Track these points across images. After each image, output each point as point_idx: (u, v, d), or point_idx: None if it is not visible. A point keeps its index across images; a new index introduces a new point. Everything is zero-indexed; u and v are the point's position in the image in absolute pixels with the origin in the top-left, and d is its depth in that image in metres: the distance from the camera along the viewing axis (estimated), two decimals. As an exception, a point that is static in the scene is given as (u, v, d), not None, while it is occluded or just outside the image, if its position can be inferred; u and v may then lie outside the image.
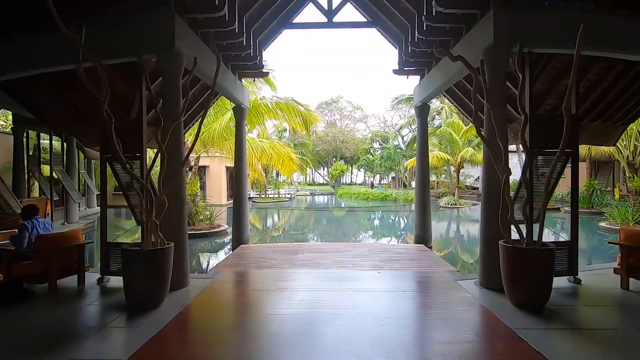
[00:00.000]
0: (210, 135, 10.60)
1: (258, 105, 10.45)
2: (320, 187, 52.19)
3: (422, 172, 8.52)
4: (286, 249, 7.57)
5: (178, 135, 4.82)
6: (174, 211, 4.82)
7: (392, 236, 12.83)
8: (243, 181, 8.57)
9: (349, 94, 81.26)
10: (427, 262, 6.40)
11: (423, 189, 8.50)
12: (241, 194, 8.55)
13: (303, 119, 10.77)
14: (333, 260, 6.42)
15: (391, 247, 7.91)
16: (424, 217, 8.40)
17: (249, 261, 6.55)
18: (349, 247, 7.69)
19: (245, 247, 7.82)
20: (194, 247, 9.42)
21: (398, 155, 35.33)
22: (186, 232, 5.01)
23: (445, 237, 11.82)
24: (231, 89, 7.42)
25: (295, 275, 5.54)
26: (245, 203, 8.57)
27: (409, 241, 12.00)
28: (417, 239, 8.42)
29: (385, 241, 11.67)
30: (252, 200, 30.17)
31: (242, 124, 8.59)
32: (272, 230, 14.15)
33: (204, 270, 7.76)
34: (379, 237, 12.51)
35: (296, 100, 10.66)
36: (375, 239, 11.67)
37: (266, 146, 12.53)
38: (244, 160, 8.61)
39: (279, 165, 14.08)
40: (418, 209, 8.50)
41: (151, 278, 4.05)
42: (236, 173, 8.60)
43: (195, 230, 10.36)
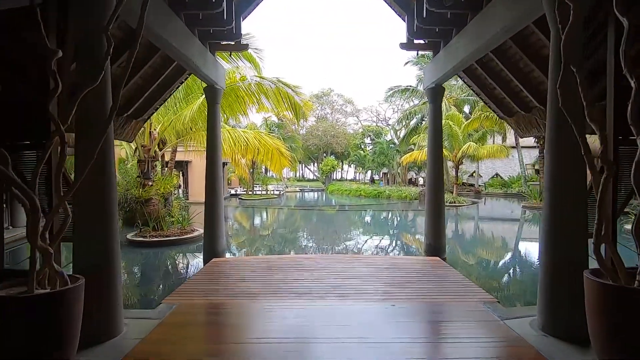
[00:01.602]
0: (181, 123, 8.94)
1: (237, 89, 8.82)
2: (310, 183, 50.62)
3: (434, 168, 7.06)
4: (271, 265, 6.03)
5: (100, 108, 3.21)
6: (98, 224, 3.27)
7: (394, 241, 11.37)
8: (217, 178, 6.98)
9: (341, 87, 79.99)
10: (451, 284, 4.95)
11: (436, 188, 7.04)
12: (215, 194, 6.96)
13: (293, 105, 9.18)
14: (331, 284, 4.91)
15: (400, 262, 6.40)
16: (437, 224, 6.95)
17: (218, 286, 4.99)
18: (348, 262, 6.19)
19: (218, 262, 6.26)
20: (152, 261, 7.79)
21: (391, 151, 33.99)
22: (118, 253, 3.41)
23: (456, 245, 10.14)
24: (199, 61, 5.80)
25: (280, 314, 4.01)
26: (219, 205, 6.99)
27: (414, 243, 10.65)
28: (428, 248, 6.98)
29: (389, 247, 10.21)
30: (239, 197, 28.53)
31: (216, 109, 6.98)
32: (258, 233, 12.53)
33: (152, 302, 5.31)
34: (379, 242, 11.02)
35: (284, 82, 9.04)
36: (375, 246, 10.17)
37: (251, 138, 10.91)
38: (218, 153, 7.02)
39: (268, 161, 12.49)
40: (430, 213, 7.04)
41: (40, 342, 2.47)
42: (209, 168, 7.01)
43: (162, 237, 8.73)
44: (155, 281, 6.56)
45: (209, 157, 6.99)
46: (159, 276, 6.88)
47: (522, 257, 8.96)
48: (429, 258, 6.56)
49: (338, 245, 9.97)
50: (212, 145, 6.97)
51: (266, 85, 8.77)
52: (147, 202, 8.92)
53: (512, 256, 9.16)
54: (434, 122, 7.08)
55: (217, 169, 6.99)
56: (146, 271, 7.05)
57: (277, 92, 9.00)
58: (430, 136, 7.12)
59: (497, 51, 5.85)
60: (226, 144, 10.38)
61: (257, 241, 11.00)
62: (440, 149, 7.12)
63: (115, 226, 3.39)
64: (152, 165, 9.12)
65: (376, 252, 9.13)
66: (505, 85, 6.62)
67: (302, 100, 9.37)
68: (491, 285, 5.96)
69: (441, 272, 5.59)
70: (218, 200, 6.98)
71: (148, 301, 5.39)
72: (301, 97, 9.32)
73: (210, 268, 5.87)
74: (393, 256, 8.02)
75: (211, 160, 6.98)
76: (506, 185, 29.84)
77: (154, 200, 9.01)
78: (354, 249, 9.34)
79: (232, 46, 7.13)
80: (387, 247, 10.28)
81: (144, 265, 7.49)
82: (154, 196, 9.03)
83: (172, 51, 5.15)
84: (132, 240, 8.69)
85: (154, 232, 8.90)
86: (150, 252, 8.28)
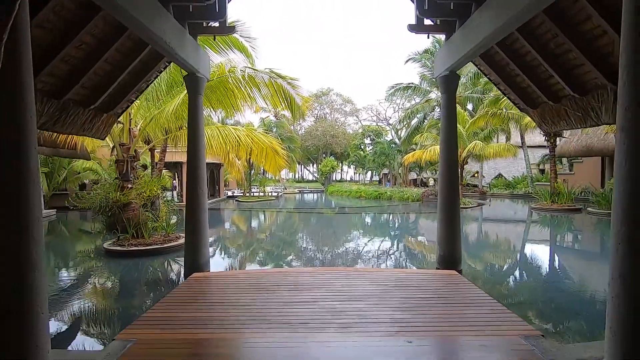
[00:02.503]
0: (164, 119, 8.03)
1: (226, 81, 7.92)
2: (309, 184, 49.78)
3: (448, 168, 6.17)
4: (261, 282, 5.14)
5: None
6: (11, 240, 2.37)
7: (399, 248, 10.31)
8: (199, 180, 6.08)
9: (340, 86, 79.03)
10: (477, 309, 4.05)
11: (449, 191, 6.15)
12: (197, 198, 6.06)
13: (288, 100, 8.28)
14: (330, 308, 4.02)
15: (410, 277, 5.50)
16: (451, 231, 6.06)
17: (193, 312, 4.09)
18: (350, 278, 5.29)
19: (198, 279, 5.36)
20: (123, 276, 6.86)
21: (392, 151, 33.11)
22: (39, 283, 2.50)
23: (470, 254, 8.71)
24: (174, 42, 4.91)
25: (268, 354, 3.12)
26: (202, 211, 6.09)
27: (421, 249, 9.77)
28: (441, 259, 6.09)
29: (395, 255, 9.23)
30: (235, 199, 27.65)
31: (198, 101, 6.09)
32: (250, 240, 11.58)
33: (108, 333, 4.37)
34: (383, 249, 10.08)
35: (279, 74, 8.13)
36: (380, 254, 9.21)
37: (243, 135, 10.01)
38: (200, 151, 6.13)
39: (262, 160, 11.58)
40: (443, 219, 6.15)
41: None
42: (190, 169, 6.12)
43: (142, 246, 7.83)
44: (119, 304, 5.43)
45: (191, 155, 6.10)
46: (125, 297, 5.67)
47: (555, 272, 7.59)
48: (443, 272, 5.66)
49: (338, 253, 9.05)
50: (194, 142, 6.08)
51: (259, 78, 7.86)
52: (125, 207, 8.01)
53: (541, 269, 7.86)
54: (448, 115, 6.19)
55: (199, 170, 6.10)
56: (111, 290, 6.02)
57: (271, 85, 8.09)
58: (444, 131, 6.22)
59: (524, 29, 4.98)
60: (215, 141, 9.49)
61: (248, 249, 9.98)
62: (454, 145, 6.23)
63: (36, 243, 2.47)
64: (132, 166, 8.22)
65: (381, 262, 8.13)
66: (530, 71, 5.75)
67: (299, 95, 8.45)
68: (525, 310, 4.91)
69: (462, 291, 4.70)
70: (201, 206, 6.08)
71: (102, 334, 4.44)
72: (297, 90, 8.40)
73: (187, 287, 4.97)
74: (401, 269, 6.91)
75: (193, 160, 6.09)
76: (511, 186, 28.96)
77: (134, 205, 8.10)
78: (356, 258, 8.41)
79: (216, 29, 6.24)
80: (393, 254, 9.32)
81: (110, 282, 6.46)
82: (133, 200, 8.12)
83: (138, 27, 4.27)
84: (108, 249, 7.79)
85: (134, 240, 8.00)
86: (126, 264, 7.37)
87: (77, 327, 4.73)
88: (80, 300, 5.56)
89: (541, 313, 5.01)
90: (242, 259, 8.71)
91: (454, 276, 5.39)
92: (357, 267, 6.17)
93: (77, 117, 5.67)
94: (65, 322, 4.82)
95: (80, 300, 5.52)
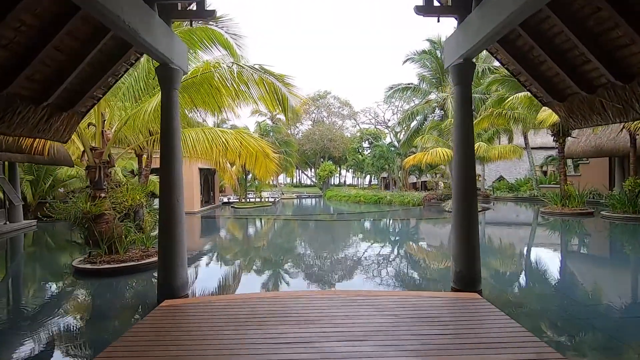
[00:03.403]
0: (140, 120, 7.15)
1: (210, 78, 7.06)
2: (307, 189, 48.90)
3: (464, 171, 5.30)
4: (245, 311, 4.25)
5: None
6: None
7: (407, 260, 9.11)
8: (174, 187, 5.20)
9: (337, 88, 78.43)
10: (515, 350, 3.17)
11: (466, 198, 5.28)
12: (171, 208, 5.17)
13: (280, 99, 7.42)
14: (330, 352, 3.14)
15: (425, 302, 4.58)
16: (469, 245, 5.19)
17: (158, 355, 3.19)
18: (353, 305, 4.41)
19: (170, 309, 4.46)
20: (83, 303, 5.84)
21: (392, 154, 32.29)
22: None
23: (486, 267, 7.07)
24: (139, 25, 4.05)
25: None
26: (178, 224, 5.20)
27: (434, 262, 8.46)
28: (458, 278, 5.22)
29: (402, 269, 8.17)
30: (231, 205, 26.74)
31: (172, 96, 5.22)
32: (240, 252, 10.61)
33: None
34: (389, 261, 8.76)
35: (269, 70, 7.27)
36: (387, 268, 8.03)
37: (231, 138, 9.13)
38: (176, 154, 5.25)
39: (252, 165, 10.68)
40: (459, 230, 5.28)
41: None
42: (163, 174, 5.24)
43: (116, 263, 6.91)
44: (69, 343, 4.22)
45: (164, 159, 5.22)
46: (78, 334, 4.51)
47: (587, 289, 6.32)
48: (464, 295, 4.78)
49: (338, 267, 8.09)
50: (168, 143, 5.21)
51: (247, 74, 7.01)
52: (97, 219, 7.11)
53: (571, 286, 6.56)
54: (463, 110, 5.33)
55: (174, 176, 5.22)
56: (64, 323, 4.86)
57: (261, 82, 7.23)
58: (458, 128, 5.37)
59: (556, 4, 4.16)
60: (201, 145, 8.61)
61: (236, 263, 8.90)
62: (471, 145, 5.36)
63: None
64: (106, 172, 7.32)
65: (388, 278, 7.08)
66: (559, 56, 4.93)
67: (293, 94, 7.58)
68: (568, 345, 3.99)
69: (489, 321, 3.82)
70: (176, 218, 5.19)
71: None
72: (291, 89, 7.53)
73: (152, 321, 4.06)
74: (414, 292, 5.68)
75: (167, 164, 5.21)
76: (514, 189, 28.16)
77: (107, 217, 7.19)
78: (359, 273, 7.46)
79: (192, 12, 5.40)
80: (400, 268, 8.30)
81: (66, 312, 5.22)
82: (107, 211, 7.22)
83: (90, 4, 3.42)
84: (77, 267, 6.86)
85: (107, 257, 7.09)
86: (93, 285, 6.42)
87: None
88: (20, 338, 4.28)
89: (592, 348, 4.10)
90: (227, 276, 7.73)
91: (477, 301, 4.52)
92: (361, 291, 5.20)
93: (28, 116, 4.80)
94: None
95: (20, 339, 4.26)
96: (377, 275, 7.15)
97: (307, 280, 6.99)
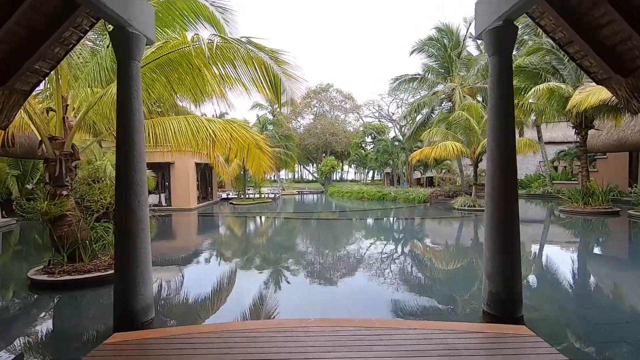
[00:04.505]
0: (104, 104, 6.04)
1: (188, 54, 5.91)
2: (309, 184, 47.86)
3: (502, 163, 4.18)
4: (221, 352, 3.17)
5: None
6: None
7: (423, 272, 7.33)
8: (135, 186, 4.10)
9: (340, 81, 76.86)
10: None
11: (505, 198, 4.16)
12: (131, 213, 4.08)
13: (272, 80, 6.26)
14: None
15: (457, 336, 3.49)
16: (508, 259, 4.08)
17: None
18: (367, 342, 3.31)
19: (122, 343, 3.37)
20: (31, 326, 4.64)
21: (396, 148, 31.11)
22: None
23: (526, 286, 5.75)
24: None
25: None
26: (140, 231, 4.11)
27: (457, 273, 6.98)
28: (493, 300, 4.12)
29: (423, 285, 6.43)
30: (230, 202, 25.75)
31: (131, 68, 4.11)
32: (230, 258, 9.39)
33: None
34: (401, 273, 7.11)
35: (258, 44, 6.10)
36: (396, 286, 6.19)
37: (218, 129, 8.02)
38: (137, 143, 4.15)
39: (243, 159, 9.57)
40: (495, 240, 4.17)
41: None
42: (121, 169, 4.14)
43: (79, 273, 5.82)
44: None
45: (121, 151, 4.12)
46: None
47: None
48: (505, 329, 3.65)
49: (343, 283, 6.60)
50: (126, 130, 4.11)
51: (232, 51, 5.84)
52: (58, 221, 6.03)
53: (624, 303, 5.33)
54: (500, 87, 4.19)
55: (134, 172, 4.12)
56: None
57: (249, 60, 6.07)
58: (494, 110, 4.23)
59: None
60: (183, 137, 7.49)
61: (221, 275, 7.36)
62: (510, 131, 4.22)
63: None
64: (69, 166, 6.23)
65: (401, 299, 5.46)
66: (631, 17, 3.76)
67: (287, 74, 6.41)
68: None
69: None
70: (137, 225, 4.10)
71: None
72: (285, 68, 6.36)
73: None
74: (437, 323, 4.15)
75: (126, 156, 4.11)
76: (523, 185, 26.96)
77: (70, 218, 6.11)
78: (364, 292, 6.22)
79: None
80: (416, 283, 6.54)
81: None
82: (70, 212, 6.14)
83: None
84: (33, 279, 5.80)
85: (69, 266, 6.02)
86: (46, 304, 5.35)
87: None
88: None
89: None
90: (209, 291, 6.42)
91: (523, 337, 3.41)
92: (371, 320, 4.01)
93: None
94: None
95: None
96: (388, 294, 5.84)
97: (308, 299, 5.67)
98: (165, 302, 5.47)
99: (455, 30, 23.67)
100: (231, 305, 5.42)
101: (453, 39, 23.42)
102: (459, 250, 9.59)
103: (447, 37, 23.46)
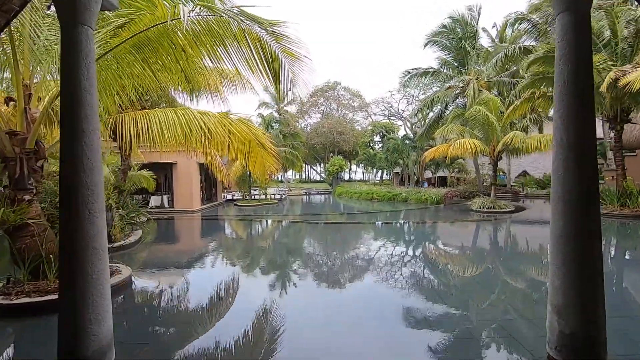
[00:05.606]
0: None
1: (171, 30, 4.91)
2: (316, 185, 46.84)
3: (578, 159, 3.08)
4: None
5: None
6: None
7: (454, 295, 5.70)
8: (85, 190, 3.10)
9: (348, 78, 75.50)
10: None
11: (582, 207, 3.05)
12: (80, 227, 3.08)
13: (270, 60, 5.23)
14: None
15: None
16: (587, 288, 2.98)
17: None
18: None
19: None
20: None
21: (407, 147, 29.92)
22: None
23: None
24: None
25: None
26: (93, 250, 3.11)
27: (508, 302, 5.40)
28: (564, 342, 3.01)
29: (448, 311, 4.99)
30: (235, 203, 24.90)
31: (78, 35, 3.10)
32: (226, 274, 7.76)
33: None
34: (429, 300, 5.36)
35: (255, 17, 5.07)
36: (427, 313, 4.78)
37: (213, 124, 7.02)
38: (89, 135, 3.14)
39: (244, 158, 8.53)
40: (567, 263, 3.06)
41: None
42: (64, 169, 3.15)
43: (40, 295, 4.84)
44: None
45: (65, 146, 3.12)
46: None
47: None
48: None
49: (354, 312, 4.98)
50: (72, 115, 3.11)
51: (221, 26, 4.83)
52: (18, 231, 5.09)
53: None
54: (571, 59, 3.08)
55: (85, 170, 3.11)
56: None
57: (242, 36, 5.04)
58: (562, 89, 3.12)
59: None
60: (171, 132, 6.51)
61: (212, 299, 5.70)
62: (590, 116, 3.10)
63: None
64: (32, 166, 5.28)
65: (433, 344, 3.89)
66: None
67: (287, 52, 5.36)
68: None
69: None
70: (86, 243, 3.09)
71: None
72: (285, 45, 5.30)
73: None
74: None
75: (70, 154, 3.11)
76: (542, 185, 25.57)
77: (32, 228, 5.15)
78: (381, 325, 4.87)
79: None
80: (446, 312, 4.91)
81: None
82: (34, 220, 5.18)
83: None
84: (-15, 301, 4.85)
85: (30, 285, 5.06)
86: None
87: None
88: None
89: None
90: (190, 320, 5.24)
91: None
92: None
93: None
94: None
95: None
96: (424, 338, 4.13)
97: (312, 340, 4.19)
98: (136, 335, 4.42)
99: (469, 19, 22.40)
100: (223, 341, 4.35)
101: (467, 30, 22.17)
102: (505, 268, 7.56)
103: (460, 27, 22.22)
